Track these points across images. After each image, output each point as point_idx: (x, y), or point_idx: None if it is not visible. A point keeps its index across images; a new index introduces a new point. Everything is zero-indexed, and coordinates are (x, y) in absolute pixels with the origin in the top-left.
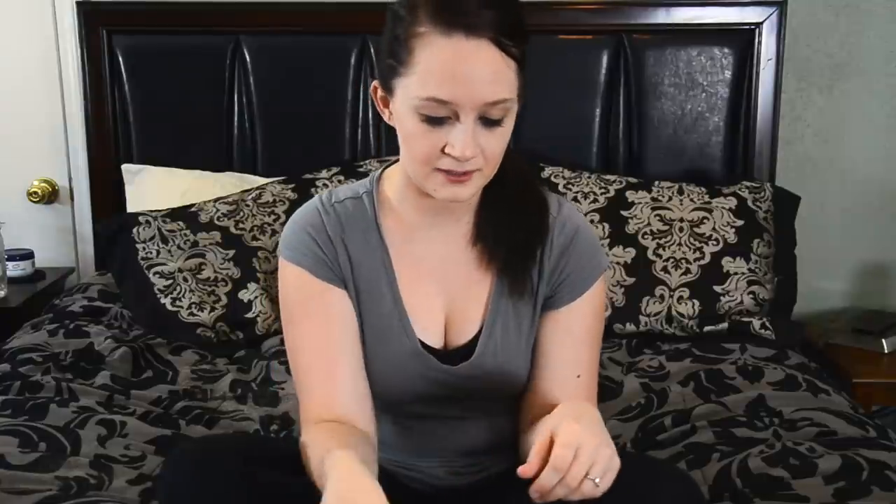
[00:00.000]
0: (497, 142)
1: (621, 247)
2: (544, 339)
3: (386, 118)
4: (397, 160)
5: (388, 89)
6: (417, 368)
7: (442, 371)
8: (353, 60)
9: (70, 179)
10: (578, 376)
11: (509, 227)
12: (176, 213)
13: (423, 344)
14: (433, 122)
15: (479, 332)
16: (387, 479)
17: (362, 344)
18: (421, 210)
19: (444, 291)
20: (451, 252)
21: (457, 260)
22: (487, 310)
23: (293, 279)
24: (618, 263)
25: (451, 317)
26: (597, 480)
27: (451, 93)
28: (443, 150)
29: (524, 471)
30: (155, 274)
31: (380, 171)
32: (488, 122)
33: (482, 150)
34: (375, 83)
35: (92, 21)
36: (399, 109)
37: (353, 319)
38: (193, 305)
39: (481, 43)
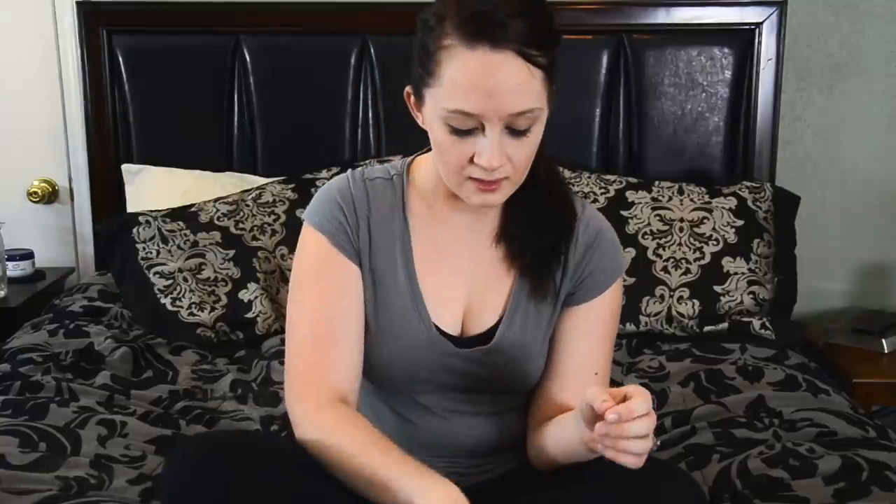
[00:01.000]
0: (525, 151)
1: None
2: (562, 335)
3: (419, 122)
4: (421, 152)
5: (419, 97)
6: (431, 353)
7: (457, 356)
8: (353, 60)
9: (70, 179)
10: (595, 374)
11: (535, 230)
12: (176, 213)
13: (438, 329)
14: (460, 133)
15: (499, 321)
16: None
17: (375, 328)
18: (449, 203)
19: (464, 283)
20: (474, 247)
21: (480, 256)
22: (508, 303)
23: (312, 244)
24: None
25: (470, 306)
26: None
27: (477, 105)
28: (471, 160)
29: (602, 406)
30: (155, 274)
31: (411, 157)
32: (515, 132)
33: (510, 159)
34: (408, 89)
35: (92, 21)
36: (428, 118)
37: (360, 298)
38: (193, 305)
39: (507, 55)
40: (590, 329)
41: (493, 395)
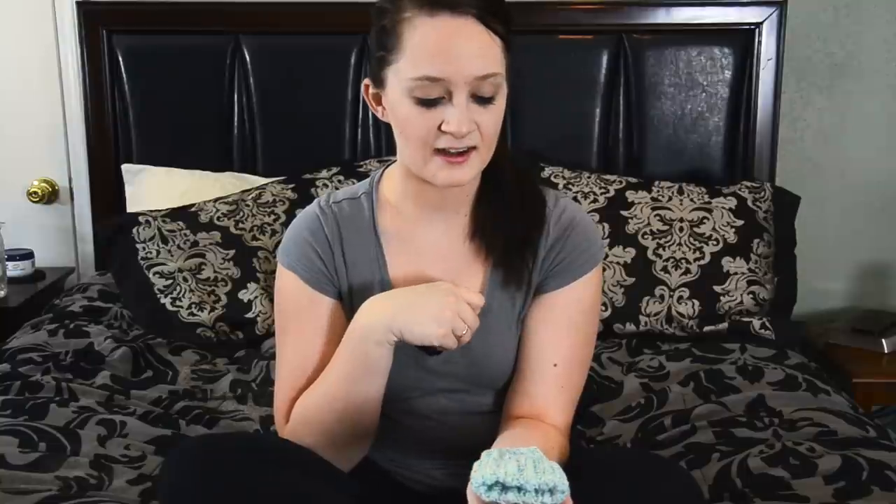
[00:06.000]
0: (491, 119)
1: (621, 247)
2: (527, 324)
3: (379, 115)
4: (389, 163)
5: (380, 82)
6: (410, 360)
7: (434, 359)
8: (353, 60)
9: (70, 179)
10: (555, 365)
11: (506, 221)
12: (176, 213)
13: None
14: (427, 103)
15: None
16: (385, 478)
17: None
18: (420, 204)
19: None
20: (447, 246)
21: (453, 253)
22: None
23: (287, 285)
24: (618, 263)
25: None
26: None
27: (443, 69)
28: (439, 129)
29: None
30: (155, 274)
31: (380, 171)
32: (481, 99)
33: (478, 127)
34: (366, 81)
35: (92, 21)
36: (392, 98)
37: (341, 329)
38: (193, 305)
39: (467, 20)
40: (552, 318)
41: (480, 392)
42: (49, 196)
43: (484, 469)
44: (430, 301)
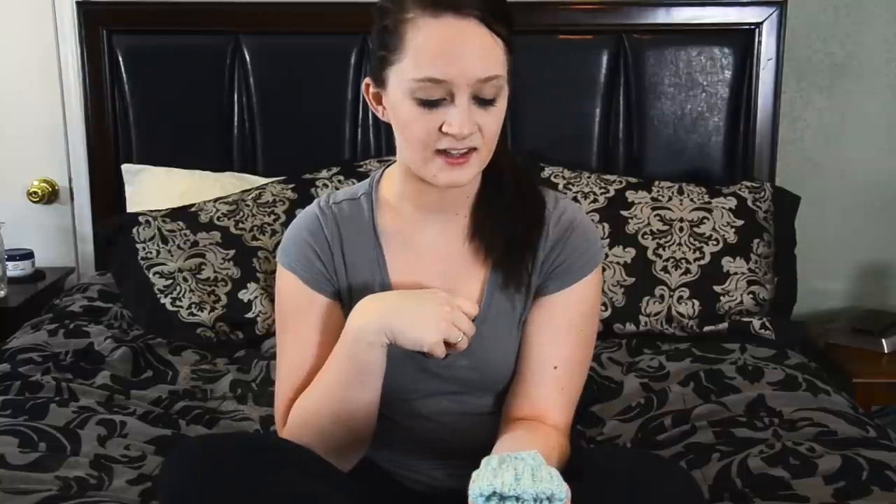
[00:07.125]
0: (492, 120)
1: (621, 247)
2: (527, 327)
3: (380, 115)
4: (388, 164)
5: (381, 81)
6: (410, 361)
7: (435, 361)
8: (353, 60)
9: (70, 179)
10: (555, 367)
11: (506, 221)
12: (176, 213)
13: None
14: (429, 104)
15: (473, 317)
16: (385, 478)
17: None
18: (419, 205)
19: (440, 286)
20: (447, 247)
21: (453, 255)
22: (482, 298)
23: (287, 285)
24: (618, 263)
25: None
26: None
27: (445, 70)
28: (440, 130)
29: None
30: (155, 274)
31: (380, 172)
32: (482, 101)
33: (479, 129)
34: (367, 80)
35: (92, 21)
36: (393, 99)
37: (340, 329)
38: (193, 305)
39: (470, 21)
40: (552, 321)
41: (481, 394)
42: (49, 196)
43: (481, 480)
44: (425, 308)
